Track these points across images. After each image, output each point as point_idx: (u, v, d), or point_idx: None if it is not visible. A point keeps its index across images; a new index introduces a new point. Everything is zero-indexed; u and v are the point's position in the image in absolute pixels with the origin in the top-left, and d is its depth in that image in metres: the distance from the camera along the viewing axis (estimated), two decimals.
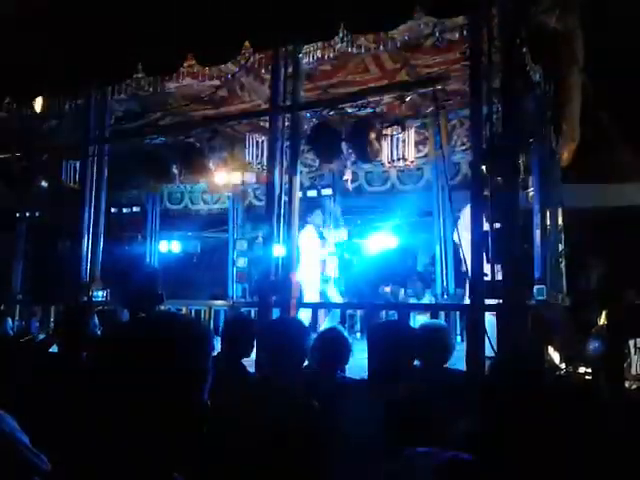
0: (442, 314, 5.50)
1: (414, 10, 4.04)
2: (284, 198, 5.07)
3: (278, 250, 5.02)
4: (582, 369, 4.02)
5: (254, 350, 3.39)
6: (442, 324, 4.02)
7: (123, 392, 1.07)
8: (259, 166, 8.00)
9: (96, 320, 3.54)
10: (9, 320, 6.24)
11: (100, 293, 5.95)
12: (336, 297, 7.93)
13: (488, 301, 3.93)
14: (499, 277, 3.96)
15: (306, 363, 2.96)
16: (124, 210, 10.42)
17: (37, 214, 10.48)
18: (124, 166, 7.05)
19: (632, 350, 4.00)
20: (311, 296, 7.32)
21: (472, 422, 1.65)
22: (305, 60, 5.41)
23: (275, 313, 4.92)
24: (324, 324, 6.18)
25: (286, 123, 5.14)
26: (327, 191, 9.57)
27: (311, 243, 7.75)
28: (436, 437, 1.86)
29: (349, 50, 5.61)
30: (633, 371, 3.98)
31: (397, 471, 1.48)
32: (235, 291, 9.48)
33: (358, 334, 7.65)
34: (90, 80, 5.49)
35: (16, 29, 5.31)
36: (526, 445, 1.37)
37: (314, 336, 3.25)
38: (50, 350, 3.80)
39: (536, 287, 4.89)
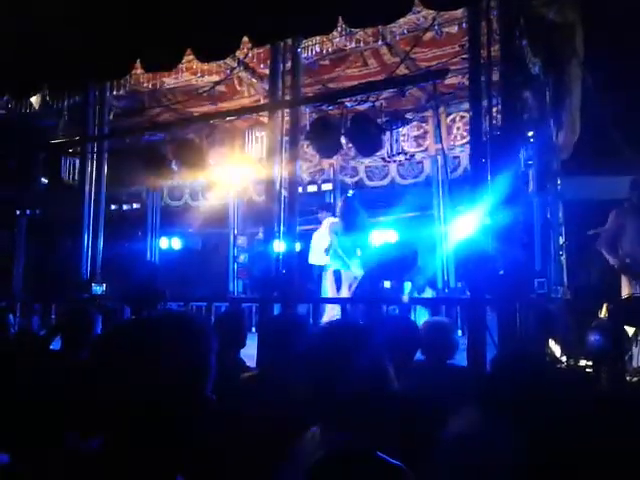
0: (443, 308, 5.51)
1: (413, 3, 4.02)
2: (284, 193, 5.06)
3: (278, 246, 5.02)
4: (583, 362, 4.02)
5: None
6: (447, 321, 4.01)
7: (126, 390, 1.07)
8: (259, 161, 7.99)
9: (99, 320, 3.55)
10: (10, 316, 6.24)
11: (99, 288, 5.94)
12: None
13: None
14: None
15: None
16: (124, 207, 10.43)
17: (37, 211, 10.50)
18: (123, 163, 7.05)
19: (633, 343, 4.00)
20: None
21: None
22: (304, 55, 5.39)
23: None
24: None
25: (285, 118, 5.13)
26: (327, 186, 9.58)
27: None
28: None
29: (348, 44, 5.60)
30: (634, 364, 3.98)
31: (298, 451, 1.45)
32: (236, 287, 9.49)
33: None
34: (89, 76, 5.48)
35: (14, 25, 5.29)
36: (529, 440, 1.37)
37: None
38: (51, 347, 3.81)
39: (537, 280, 4.89)
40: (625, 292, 5.29)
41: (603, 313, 4.22)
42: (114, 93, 6.70)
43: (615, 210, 5.66)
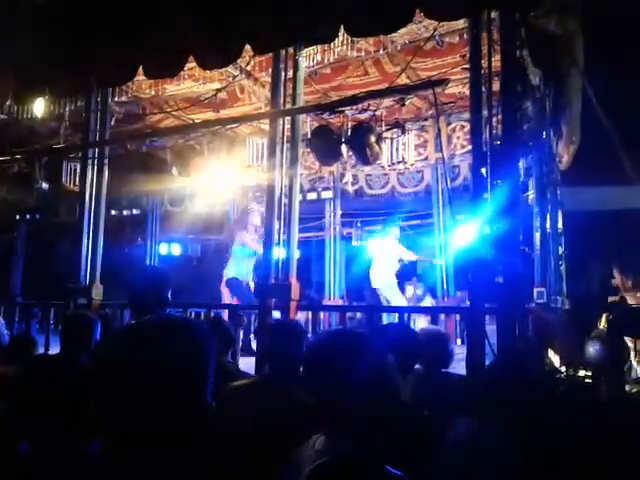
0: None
1: (414, 13, 4.05)
2: (284, 200, 5.07)
3: (278, 253, 5.01)
4: (582, 372, 4.02)
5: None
6: (442, 330, 4.02)
7: (125, 395, 1.07)
8: (259, 168, 8.01)
9: (98, 325, 3.55)
10: (1, 320, 6.15)
11: (98, 293, 5.91)
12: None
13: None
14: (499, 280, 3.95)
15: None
16: (124, 212, 10.44)
17: (37, 216, 10.51)
18: (124, 168, 7.06)
19: (632, 353, 4.00)
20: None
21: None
22: (305, 63, 5.41)
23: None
24: None
25: (286, 126, 5.14)
26: (327, 194, 9.60)
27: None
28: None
29: (349, 53, 5.62)
30: (633, 374, 3.98)
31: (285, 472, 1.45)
32: None
33: None
34: (91, 82, 5.50)
35: (17, 31, 5.32)
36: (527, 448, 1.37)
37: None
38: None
39: (536, 290, 4.89)
40: None
41: (602, 323, 4.22)
42: (116, 99, 6.71)
43: None
